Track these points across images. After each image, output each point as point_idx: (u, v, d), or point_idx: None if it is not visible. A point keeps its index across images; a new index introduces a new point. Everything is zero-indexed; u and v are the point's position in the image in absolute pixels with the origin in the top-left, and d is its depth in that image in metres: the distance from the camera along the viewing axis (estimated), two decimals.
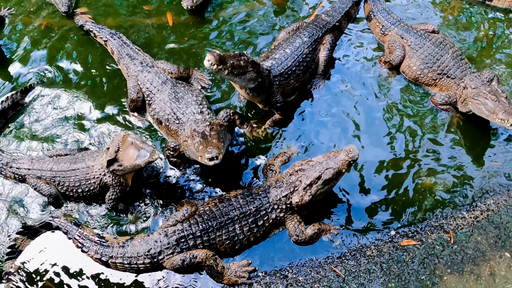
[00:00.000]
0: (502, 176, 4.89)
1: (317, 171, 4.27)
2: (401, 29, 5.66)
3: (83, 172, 4.53)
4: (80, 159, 4.62)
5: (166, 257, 4.14)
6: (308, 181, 4.26)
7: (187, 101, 4.90)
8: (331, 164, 4.27)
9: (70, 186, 4.57)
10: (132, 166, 4.26)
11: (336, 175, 4.28)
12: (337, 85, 5.57)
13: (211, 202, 4.38)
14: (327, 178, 4.25)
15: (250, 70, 4.57)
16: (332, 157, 4.31)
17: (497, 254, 4.33)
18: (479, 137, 5.21)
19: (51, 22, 6.18)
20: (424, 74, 5.41)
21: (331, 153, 4.39)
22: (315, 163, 4.36)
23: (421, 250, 4.36)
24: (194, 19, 6.18)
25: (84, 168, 4.53)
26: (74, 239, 4.33)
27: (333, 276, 4.22)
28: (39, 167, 4.63)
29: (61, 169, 4.58)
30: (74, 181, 4.55)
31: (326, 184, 4.29)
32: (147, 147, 4.30)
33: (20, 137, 5.15)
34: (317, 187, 4.26)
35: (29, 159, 4.74)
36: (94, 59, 5.83)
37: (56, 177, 4.57)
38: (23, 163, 4.70)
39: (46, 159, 4.71)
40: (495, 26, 6.08)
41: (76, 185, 4.55)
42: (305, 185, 4.26)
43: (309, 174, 4.29)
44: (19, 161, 4.73)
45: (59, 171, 4.57)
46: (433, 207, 4.70)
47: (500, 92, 4.97)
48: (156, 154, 4.26)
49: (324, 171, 4.26)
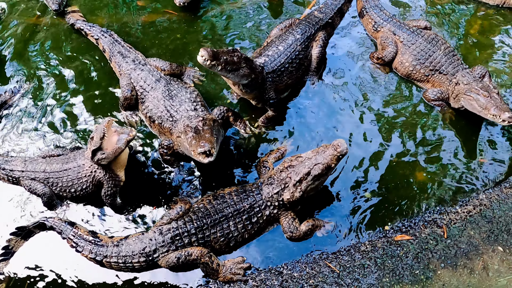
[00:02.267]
0: (494, 171, 4.94)
1: (306, 167, 4.25)
2: (393, 26, 5.68)
3: (74, 171, 4.49)
4: (71, 158, 4.58)
5: (161, 255, 4.13)
6: (298, 177, 4.25)
7: (181, 99, 4.88)
8: (320, 159, 4.25)
9: (63, 187, 4.53)
10: (114, 150, 4.22)
11: (326, 170, 4.27)
12: (329, 81, 5.59)
13: (205, 199, 4.37)
14: (316, 174, 4.24)
15: (244, 66, 4.57)
16: (321, 152, 4.30)
17: (490, 248, 4.37)
18: (471, 133, 5.25)
19: (42, 20, 6.12)
20: (417, 70, 5.44)
21: (320, 148, 4.37)
22: (304, 159, 4.34)
23: (415, 244, 4.39)
24: (187, 16, 6.16)
25: (75, 168, 4.50)
26: (68, 239, 4.30)
27: (328, 271, 4.23)
28: (32, 169, 4.58)
29: (53, 169, 4.53)
30: (66, 181, 4.51)
31: (316, 180, 4.28)
32: (125, 129, 4.31)
33: (10, 137, 5.11)
34: (307, 183, 4.25)
35: (22, 161, 4.66)
36: (85, 56, 5.79)
37: (49, 178, 4.53)
38: (16, 165, 4.63)
39: (39, 160, 4.65)
40: (486, 23, 6.12)
41: (69, 185, 4.51)
42: (295, 182, 4.25)
43: (299, 170, 4.27)
44: (12, 163, 4.65)
45: (52, 172, 4.53)
46: (426, 202, 4.73)
47: (492, 88, 5.01)
48: (134, 131, 4.29)
49: (313, 166, 4.24)
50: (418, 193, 4.78)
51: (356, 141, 5.11)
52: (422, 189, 4.81)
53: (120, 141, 4.24)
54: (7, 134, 5.15)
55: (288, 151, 4.97)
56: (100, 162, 4.29)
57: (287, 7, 6.30)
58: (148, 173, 4.91)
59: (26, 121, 5.25)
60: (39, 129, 5.18)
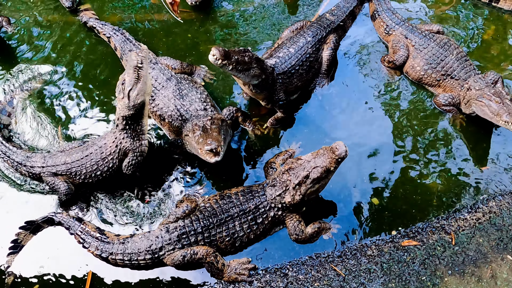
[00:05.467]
0: (505, 178, 4.88)
1: (305, 170, 4.17)
2: (405, 29, 5.64)
3: (97, 153, 4.51)
4: (90, 144, 4.62)
5: (167, 253, 4.14)
6: (297, 180, 4.18)
7: (191, 98, 4.90)
8: (319, 162, 4.15)
9: (87, 173, 4.54)
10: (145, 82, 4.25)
11: (325, 174, 4.17)
12: (339, 84, 5.56)
13: (212, 199, 4.38)
14: (315, 177, 4.15)
15: (254, 67, 4.57)
16: (320, 155, 4.20)
17: (499, 256, 4.32)
18: (482, 139, 5.19)
19: (54, 17, 6.18)
20: (428, 75, 5.40)
21: (320, 150, 4.27)
22: (304, 161, 4.25)
23: (422, 250, 4.34)
24: (198, 15, 6.18)
25: (97, 150, 4.52)
26: (76, 234, 4.33)
27: (334, 275, 4.21)
28: (52, 163, 4.59)
29: (74, 159, 4.56)
30: (90, 166, 4.52)
31: (315, 183, 4.19)
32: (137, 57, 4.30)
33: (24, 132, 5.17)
34: (306, 186, 4.18)
35: (41, 157, 4.68)
36: (96, 54, 5.83)
37: (71, 169, 4.54)
38: (36, 161, 4.65)
39: (58, 154, 4.67)
40: (500, 28, 6.05)
41: (94, 168, 4.52)
42: (294, 185, 4.19)
43: (298, 173, 4.20)
44: (32, 160, 4.67)
45: (73, 162, 4.55)
46: (435, 208, 4.68)
47: (505, 94, 4.95)
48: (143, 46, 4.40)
49: (312, 170, 4.15)
50: (426, 199, 4.74)
51: (364, 144, 5.08)
52: (430, 194, 4.77)
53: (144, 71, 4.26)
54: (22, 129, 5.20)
55: (297, 153, 4.96)
56: (137, 101, 4.24)
57: (301, 8, 6.27)
58: (157, 170, 4.93)
59: (39, 116, 5.30)
60: (51, 125, 5.23)
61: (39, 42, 5.93)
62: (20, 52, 5.85)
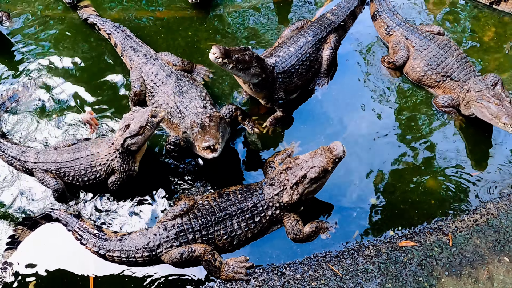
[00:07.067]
0: (503, 180, 4.88)
1: (303, 170, 4.17)
2: (406, 30, 5.64)
3: (87, 160, 4.52)
4: (83, 147, 4.61)
5: (165, 251, 4.14)
6: (294, 180, 4.18)
7: (191, 96, 4.90)
8: (316, 162, 4.16)
9: (75, 176, 4.55)
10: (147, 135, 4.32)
11: (323, 174, 4.17)
12: (339, 83, 5.56)
13: (210, 197, 4.38)
14: (312, 177, 4.15)
15: (255, 66, 4.57)
16: (318, 155, 4.20)
17: (495, 258, 4.33)
18: (481, 141, 5.19)
19: (54, 13, 6.17)
20: (428, 76, 5.40)
21: (317, 150, 4.27)
22: (301, 161, 4.25)
23: (419, 251, 4.35)
24: (199, 14, 6.17)
25: (88, 156, 4.53)
26: (73, 231, 4.33)
27: (331, 274, 4.22)
28: (43, 160, 4.61)
29: (64, 159, 4.57)
30: (79, 170, 4.53)
31: (313, 183, 4.19)
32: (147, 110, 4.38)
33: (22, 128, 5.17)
34: (304, 186, 4.18)
35: (35, 152, 4.71)
36: (93, 50, 5.82)
37: (60, 169, 4.56)
38: (29, 156, 4.68)
39: (50, 151, 4.69)
40: (500, 30, 6.06)
41: (82, 173, 4.54)
42: (292, 184, 4.19)
43: (295, 173, 4.20)
44: (26, 154, 4.70)
45: (63, 162, 4.56)
46: (433, 209, 4.68)
47: (504, 96, 4.95)
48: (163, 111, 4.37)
49: (309, 170, 4.15)
50: (424, 200, 4.74)
51: (363, 144, 5.08)
52: (428, 195, 4.77)
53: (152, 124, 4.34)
54: (20, 125, 5.19)
55: (295, 152, 4.96)
56: (130, 148, 4.34)
57: (299, 8, 6.27)
58: (155, 168, 4.93)
59: (37, 113, 5.29)
60: (48, 121, 5.22)
61: (39, 38, 5.92)
62: (19, 47, 5.83)
